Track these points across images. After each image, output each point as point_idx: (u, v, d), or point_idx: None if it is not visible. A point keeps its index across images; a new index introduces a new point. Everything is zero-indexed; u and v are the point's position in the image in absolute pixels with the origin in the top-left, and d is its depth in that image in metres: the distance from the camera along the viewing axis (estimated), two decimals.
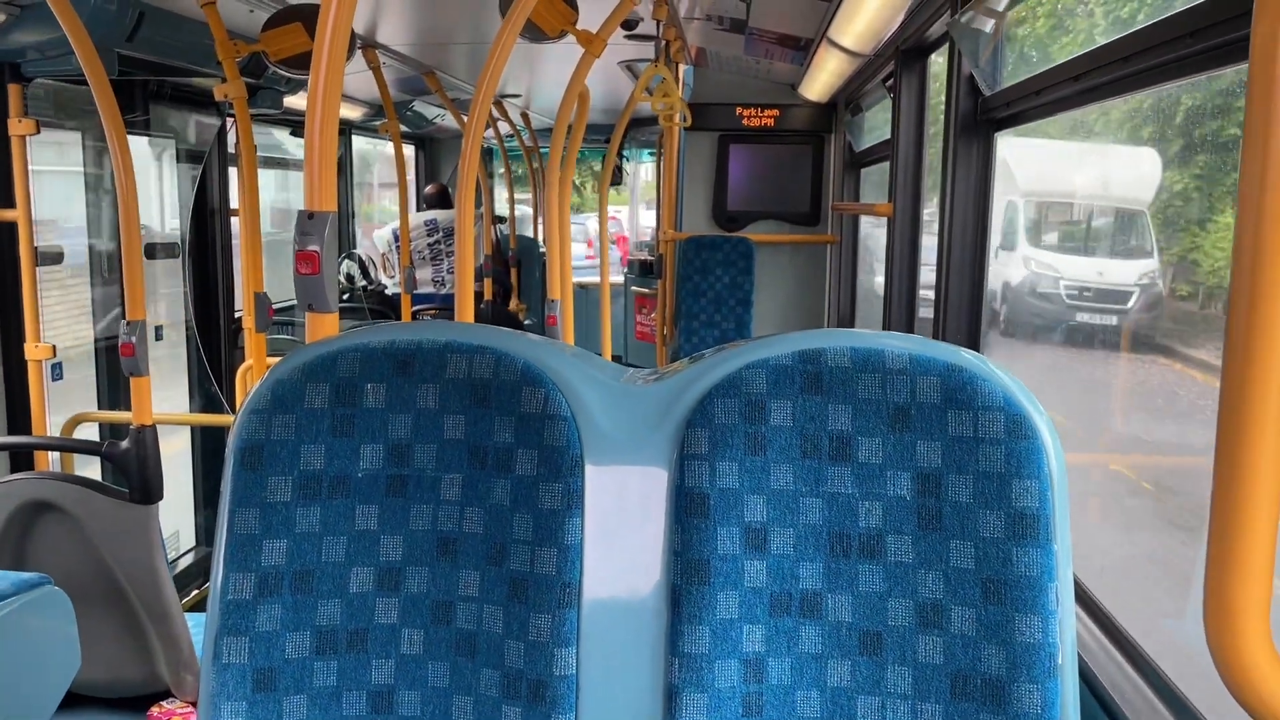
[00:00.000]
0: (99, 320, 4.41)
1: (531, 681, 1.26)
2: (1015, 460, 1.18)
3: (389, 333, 1.34)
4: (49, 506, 2.84)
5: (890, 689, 1.23)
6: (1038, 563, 1.17)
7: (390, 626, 1.31)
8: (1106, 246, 3.72)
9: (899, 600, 1.22)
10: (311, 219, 1.56)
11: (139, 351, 2.80)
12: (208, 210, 4.94)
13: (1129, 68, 1.74)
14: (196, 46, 3.60)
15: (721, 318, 5.91)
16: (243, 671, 1.27)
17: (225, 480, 1.29)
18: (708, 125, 5.92)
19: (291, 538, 1.29)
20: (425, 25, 4.52)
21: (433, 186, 7.68)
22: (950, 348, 1.24)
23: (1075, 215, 4.29)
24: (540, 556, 1.27)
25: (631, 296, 9.25)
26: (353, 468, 1.31)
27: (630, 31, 4.31)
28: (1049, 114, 2.26)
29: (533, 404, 1.29)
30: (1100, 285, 3.61)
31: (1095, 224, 3.97)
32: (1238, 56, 1.39)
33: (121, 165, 2.71)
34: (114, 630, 2.95)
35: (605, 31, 3.00)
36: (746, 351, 1.28)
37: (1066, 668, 1.17)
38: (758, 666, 1.24)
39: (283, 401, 1.30)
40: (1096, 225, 3.94)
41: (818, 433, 1.25)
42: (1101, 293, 3.56)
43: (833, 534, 1.25)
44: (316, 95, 1.57)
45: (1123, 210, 3.56)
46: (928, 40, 3.35)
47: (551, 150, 3.49)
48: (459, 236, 2.44)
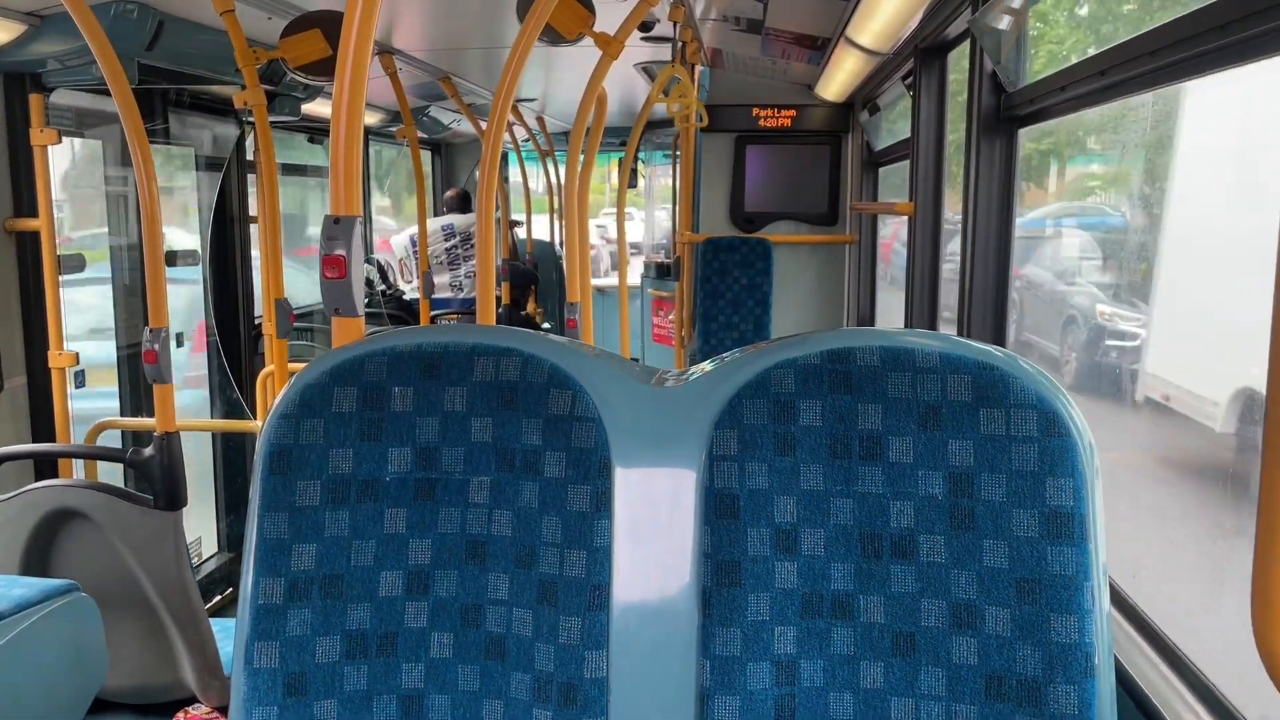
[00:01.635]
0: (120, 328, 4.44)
1: (562, 684, 1.25)
2: (1049, 458, 1.17)
3: (416, 336, 1.34)
4: (74, 514, 2.86)
5: (924, 690, 1.21)
6: (1073, 562, 1.16)
7: (420, 630, 1.31)
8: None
9: (932, 601, 1.21)
10: (338, 223, 1.56)
11: (162, 359, 2.82)
12: (227, 217, 4.96)
13: (1156, 62, 1.72)
14: (215, 54, 3.62)
15: (740, 319, 5.89)
16: (274, 676, 1.27)
17: (254, 485, 1.29)
18: (724, 127, 5.91)
19: (321, 542, 1.29)
20: (441, 30, 4.53)
21: (452, 191, 7.70)
22: (981, 346, 1.23)
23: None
24: (569, 559, 1.27)
25: (649, 299, 9.24)
26: (381, 471, 1.31)
27: (646, 33, 4.30)
28: (1073, 110, 2.25)
29: (560, 406, 1.29)
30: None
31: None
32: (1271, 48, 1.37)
33: (144, 174, 2.73)
34: (140, 637, 2.96)
35: (623, 33, 3.00)
36: (774, 351, 1.27)
37: (1103, 668, 1.16)
38: (790, 669, 1.23)
39: (311, 406, 1.30)
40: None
41: (847, 432, 1.24)
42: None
43: (864, 534, 1.24)
44: (341, 101, 1.57)
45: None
46: (947, 38, 3.33)
47: (570, 153, 3.49)
48: (480, 241, 2.44)
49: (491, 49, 4.89)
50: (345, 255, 1.56)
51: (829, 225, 5.98)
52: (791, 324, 6.01)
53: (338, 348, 1.35)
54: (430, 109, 7.09)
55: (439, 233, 7.17)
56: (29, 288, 3.65)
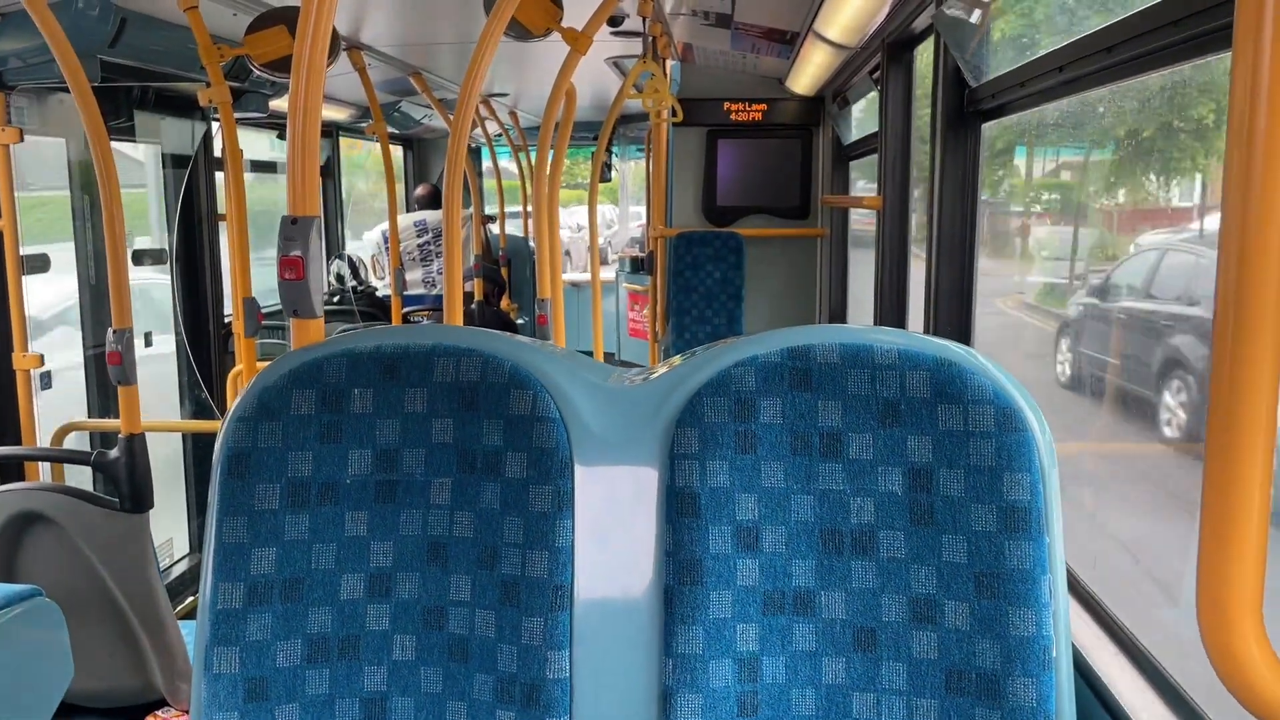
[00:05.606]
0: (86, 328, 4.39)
1: (525, 685, 1.25)
2: (1006, 453, 1.18)
3: (375, 337, 1.33)
4: (39, 517, 2.83)
5: (885, 685, 1.22)
6: (1030, 555, 1.17)
7: (382, 633, 1.30)
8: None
9: (892, 596, 1.22)
10: (295, 224, 1.55)
11: (126, 360, 2.79)
12: (195, 216, 4.91)
13: (1113, 58, 1.73)
14: (180, 51, 3.58)
15: (713, 313, 5.90)
16: (234, 681, 1.26)
17: (212, 489, 1.28)
18: (696, 121, 5.90)
19: (280, 546, 1.28)
20: (410, 25, 4.50)
21: (424, 188, 7.65)
22: (939, 342, 1.24)
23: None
24: (531, 559, 1.26)
25: (624, 293, 9.24)
26: (341, 474, 1.30)
27: (616, 28, 4.29)
28: (1034, 105, 2.26)
29: (521, 406, 1.29)
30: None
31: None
32: (1220, 45, 1.39)
33: (105, 172, 2.70)
34: (108, 640, 2.94)
35: (591, 28, 2.99)
36: (735, 349, 1.27)
37: (1061, 660, 1.17)
38: (752, 666, 1.24)
39: (269, 409, 1.29)
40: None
41: (808, 430, 1.24)
42: None
43: (825, 531, 1.24)
44: (299, 97, 1.56)
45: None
46: (914, 32, 3.35)
47: (539, 149, 3.48)
48: (447, 237, 2.43)
49: (461, 44, 4.87)
50: (302, 256, 1.55)
51: (801, 219, 5.99)
52: (764, 317, 6.02)
53: (296, 350, 1.34)
54: (401, 104, 7.04)
55: (411, 229, 7.13)
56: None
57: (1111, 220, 3.18)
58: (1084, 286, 3.35)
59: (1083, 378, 3.30)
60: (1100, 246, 3.26)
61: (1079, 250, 3.41)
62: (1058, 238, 3.68)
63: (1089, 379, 3.25)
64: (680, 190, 6.07)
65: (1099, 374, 3.17)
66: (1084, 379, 3.30)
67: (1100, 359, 3.17)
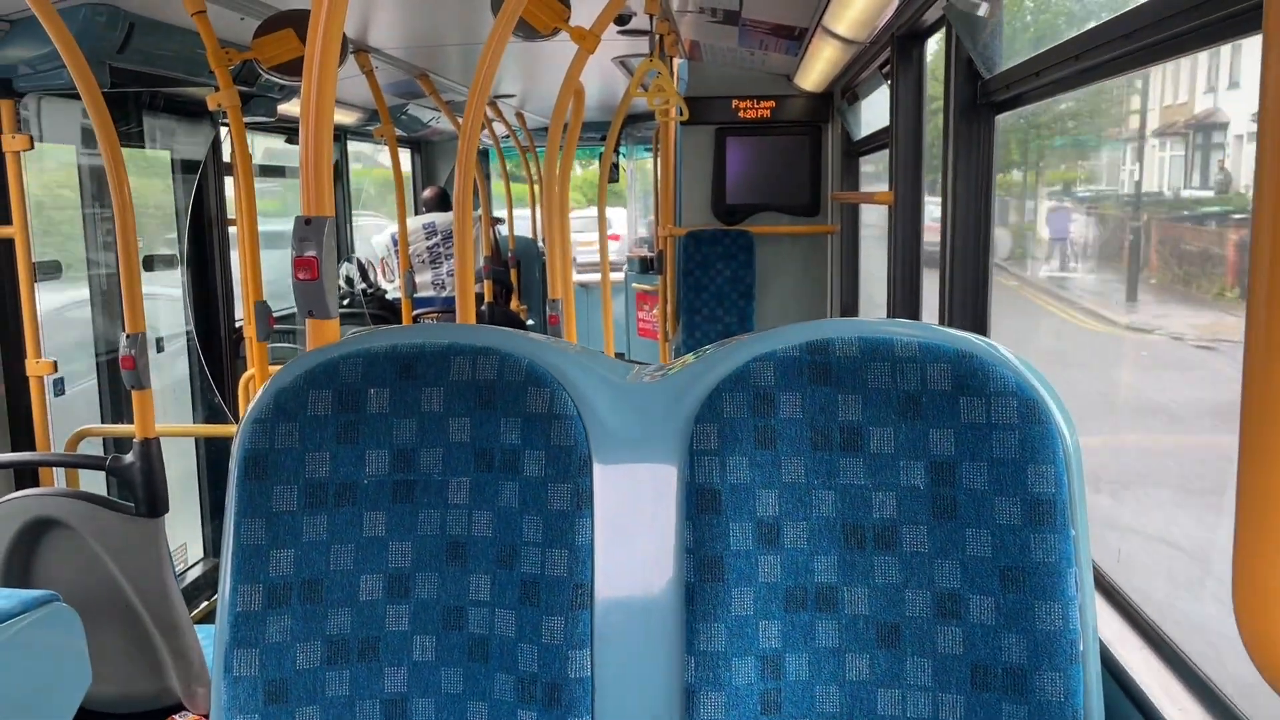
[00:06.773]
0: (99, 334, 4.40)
1: (546, 685, 1.24)
2: (1030, 445, 1.17)
3: (391, 336, 1.32)
4: (55, 523, 2.83)
5: (910, 681, 1.21)
6: (1056, 549, 1.15)
7: (402, 634, 1.30)
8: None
9: (916, 591, 1.21)
10: (309, 224, 1.54)
11: (140, 364, 2.79)
12: (205, 220, 4.92)
13: (1131, 44, 1.71)
14: (188, 56, 3.58)
15: (724, 312, 5.88)
16: (254, 684, 1.26)
17: (230, 491, 1.28)
18: (704, 119, 5.89)
19: (299, 547, 1.28)
20: (417, 27, 4.50)
21: (431, 190, 7.66)
22: (960, 334, 1.22)
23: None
24: (551, 558, 1.26)
25: (633, 293, 9.23)
26: (358, 474, 1.29)
27: (623, 27, 4.28)
28: (1050, 94, 2.24)
29: (538, 404, 1.28)
30: None
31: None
32: (1249, 27, 1.36)
33: (116, 178, 2.70)
34: (124, 645, 2.94)
35: (598, 27, 2.98)
36: (752, 344, 1.26)
37: (1089, 654, 1.15)
38: (775, 663, 1.23)
39: (285, 410, 1.28)
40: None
41: (828, 424, 1.23)
42: None
43: (846, 526, 1.23)
44: (310, 100, 1.55)
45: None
46: (924, 25, 3.32)
47: (548, 149, 3.47)
48: (458, 238, 2.43)
49: (468, 45, 4.86)
50: (317, 256, 1.54)
51: (811, 216, 5.97)
52: (775, 315, 6.00)
53: (312, 350, 1.34)
54: (409, 107, 7.05)
55: (420, 231, 7.13)
56: (4, 296, 3.61)
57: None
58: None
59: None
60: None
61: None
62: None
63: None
64: (689, 189, 6.05)
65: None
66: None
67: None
